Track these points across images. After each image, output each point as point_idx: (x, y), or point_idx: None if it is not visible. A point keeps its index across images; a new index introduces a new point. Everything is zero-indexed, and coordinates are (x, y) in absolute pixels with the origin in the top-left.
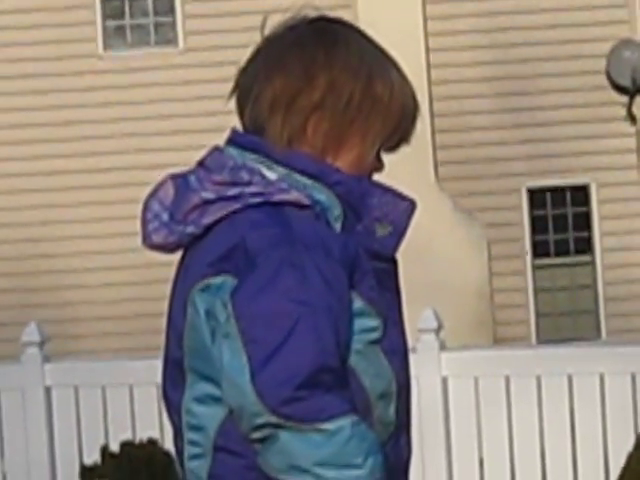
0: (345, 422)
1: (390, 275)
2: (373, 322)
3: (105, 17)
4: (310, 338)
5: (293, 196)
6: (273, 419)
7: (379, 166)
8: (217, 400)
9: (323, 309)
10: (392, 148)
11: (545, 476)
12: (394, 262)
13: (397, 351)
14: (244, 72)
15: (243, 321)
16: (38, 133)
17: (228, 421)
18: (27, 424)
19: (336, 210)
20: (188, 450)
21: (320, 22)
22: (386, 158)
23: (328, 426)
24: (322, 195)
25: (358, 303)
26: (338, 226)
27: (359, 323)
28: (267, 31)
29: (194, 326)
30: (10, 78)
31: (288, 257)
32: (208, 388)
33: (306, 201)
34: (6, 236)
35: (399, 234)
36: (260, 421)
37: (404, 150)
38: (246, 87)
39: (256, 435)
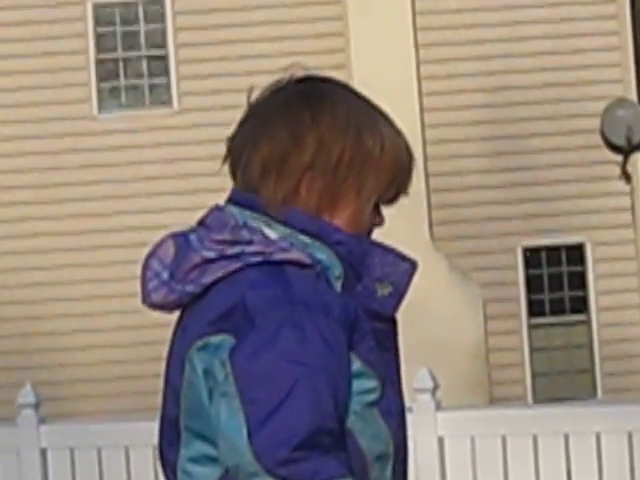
0: None
1: (389, 335)
2: (371, 383)
3: (100, 79)
4: (309, 399)
5: (294, 255)
6: None
7: (379, 221)
8: (212, 460)
9: (322, 370)
10: (390, 201)
11: None
12: (394, 322)
13: (394, 412)
14: (233, 139)
15: (241, 380)
16: (33, 194)
17: None
18: None
19: (337, 270)
20: None
21: (305, 82)
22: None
23: None
24: (323, 255)
25: (357, 364)
26: (338, 286)
27: (357, 384)
28: (255, 95)
29: (191, 385)
30: (6, 140)
31: (288, 317)
32: (203, 448)
33: (307, 260)
34: (1, 298)
35: (399, 294)
36: None
37: (399, 209)
38: (236, 154)
39: None
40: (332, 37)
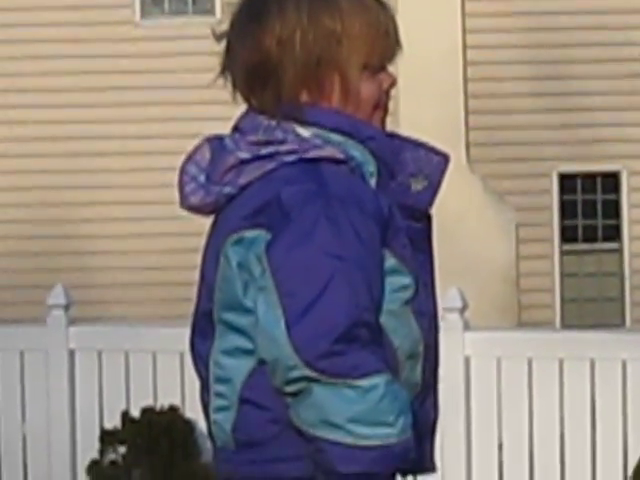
0: (379, 380)
1: (424, 236)
2: (406, 280)
3: None
4: (346, 292)
5: (328, 152)
6: (308, 372)
7: (389, 81)
8: (245, 352)
9: (357, 264)
10: (383, 64)
11: (564, 460)
12: (428, 220)
13: (426, 313)
14: (222, 67)
15: (279, 274)
16: (69, 98)
17: (255, 374)
18: (49, 386)
19: (370, 166)
20: (214, 402)
21: None
22: (419, 136)
23: (363, 383)
24: (356, 151)
25: (391, 261)
26: (373, 182)
27: (392, 281)
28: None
29: (226, 278)
30: (45, 41)
31: (323, 212)
32: (237, 340)
33: (341, 156)
34: (36, 199)
35: (434, 188)
36: (295, 374)
37: (436, 129)
38: (229, 77)
39: (290, 388)
40: None
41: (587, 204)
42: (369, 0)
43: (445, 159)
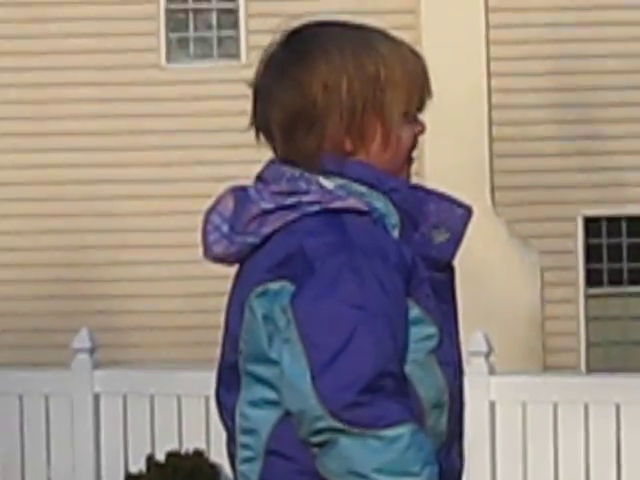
0: (404, 430)
1: (447, 287)
2: (430, 330)
3: (169, 29)
4: (370, 342)
5: (351, 203)
6: (334, 423)
7: (419, 129)
8: (271, 404)
9: (381, 315)
10: (418, 109)
11: None
12: (451, 271)
13: (451, 362)
14: (254, 118)
15: (303, 326)
16: (97, 140)
17: (281, 425)
18: (74, 430)
19: (393, 218)
20: (240, 453)
21: (289, 39)
22: (443, 183)
23: (388, 433)
24: (379, 203)
25: (415, 311)
26: (396, 234)
27: (417, 331)
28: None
29: (251, 330)
30: (73, 85)
31: (347, 263)
32: (262, 392)
33: (364, 208)
34: (59, 243)
35: (456, 240)
36: (321, 425)
37: (462, 173)
38: (262, 128)
39: (316, 439)
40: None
41: (612, 247)
42: (404, 47)
43: (468, 212)
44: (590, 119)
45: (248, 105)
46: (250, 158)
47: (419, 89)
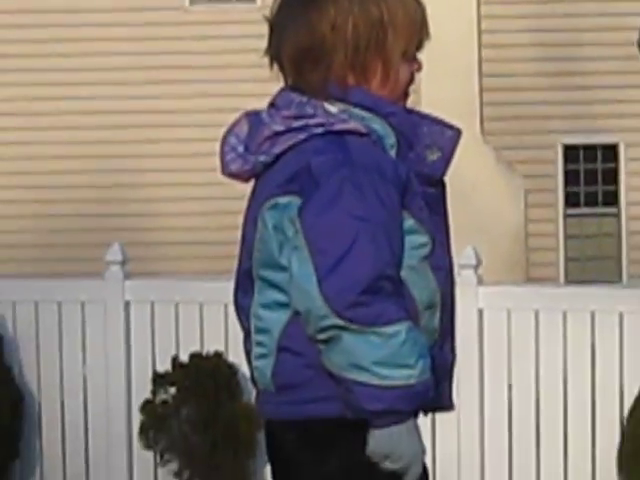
0: (401, 327)
1: (438, 201)
2: (423, 239)
3: None
4: (370, 249)
5: (352, 125)
6: (337, 321)
7: (417, 66)
8: (281, 305)
9: (380, 225)
10: (417, 49)
11: (566, 400)
12: (443, 187)
13: (442, 267)
14: (269, 49)
15: (310, 234)
16: (124, 76)
17: (291, 324)
18: (107, 334)
19: (390, 139)
20: (255, 350)
21: None
22: (438, 114)
23: (386, 330)
24: (377, 125)
25: (410, 222)
26: (393, 153)
27: (411, 240)
28: None
29: (263, 239)
30: (98, 25)
31: (348, 178)
32: (274, 295)
33: (364, 130)
34: (99, 166)
35: (447, 158)
36: (326, 323)
37: (455, 106)
38: (275, 60)
39: (321, 336)
40: None
41: (588, 172)
42: None
43: (457, 133)
44: (569, 57)
45: (261, 43)
46: (265, 92)
47: (418, 32)
